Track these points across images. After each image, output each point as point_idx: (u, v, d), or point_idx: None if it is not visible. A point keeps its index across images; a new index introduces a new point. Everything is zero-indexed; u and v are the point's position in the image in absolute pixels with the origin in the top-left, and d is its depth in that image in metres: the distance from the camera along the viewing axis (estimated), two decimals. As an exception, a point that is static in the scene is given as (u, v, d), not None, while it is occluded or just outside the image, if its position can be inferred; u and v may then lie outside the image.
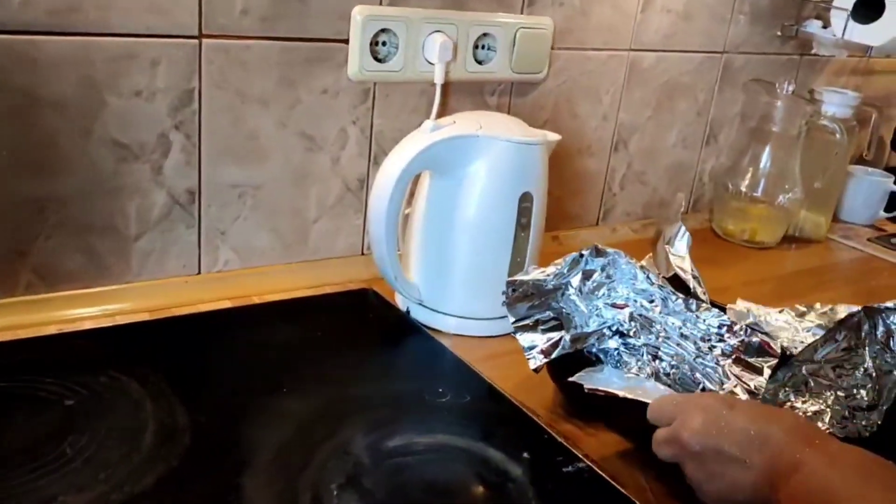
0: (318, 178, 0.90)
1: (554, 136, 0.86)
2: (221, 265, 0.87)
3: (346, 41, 0.86)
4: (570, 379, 0.68)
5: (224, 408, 0.67)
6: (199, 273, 0.86)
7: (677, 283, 0.76)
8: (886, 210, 1.36)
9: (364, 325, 0.85)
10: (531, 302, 0.69)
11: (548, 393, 0.74)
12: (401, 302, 0.88)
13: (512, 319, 0.69)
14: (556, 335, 0.69)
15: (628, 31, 1.09)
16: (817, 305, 0.84)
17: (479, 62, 0.96)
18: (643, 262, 0.83)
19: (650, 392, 0.66)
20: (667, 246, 0.78)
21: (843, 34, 1.11)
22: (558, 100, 1.06)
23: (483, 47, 0.95)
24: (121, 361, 0.70)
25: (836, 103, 1.23)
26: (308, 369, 0.74)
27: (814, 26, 1.23)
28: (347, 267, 0.94)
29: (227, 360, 0.75)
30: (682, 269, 0.77)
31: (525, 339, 0.69)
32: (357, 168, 0.92)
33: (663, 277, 0.77)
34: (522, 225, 0.83)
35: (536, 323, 0.69)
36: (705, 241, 1.22)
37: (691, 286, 0.76)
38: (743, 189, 1.21)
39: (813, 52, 1.26)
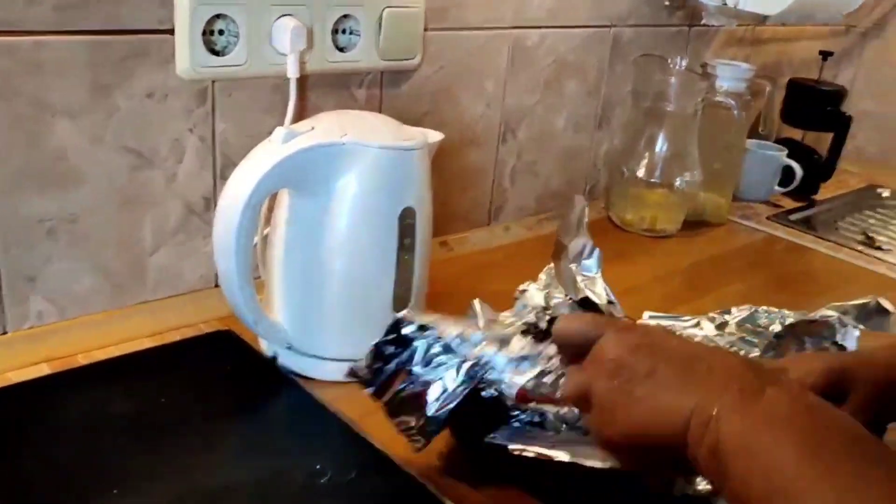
0: (152, 201, 0.73)
1: (436, 136, 0.73)
2: (33, 319, 0.70)
3: (171, 31, 0.70)
4: (487, 439, 0.56)
5: (29, 530, 0.51)
6: (5, 333, 0.68)
7: (590, 307, 0.65)
8: (781, 185, 1.31)
9: (220, 382, 0.69)
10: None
11: (452, 451, 0.61)
12: (266, 346, 0.73)
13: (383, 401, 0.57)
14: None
15: (509, 7, 0.96)
16: (734, 311, 0.76)
17: (341, 49, 0.81)
18: (543, 275, 0.71)
19: (588, 451, 0.54)
20: (573, 265, 0.66)
21: (738, 3, 1.02)
22: (436, 88, 0.93)
23: (344, 31, 0.81)
24: None
25: (729, 77, 1.15)
26: (148, 455, 0.58)
27: (702, -6, 1.14)
28: (198, 303, 0.78)
29: (41, 453, 0.58)
30: (593, 292, 0.65)
31: (400, 418, 0.57)
32: (200, 185, 0.76)
33: (572, 300, 0.65)
34: (406, 246, 0.69)
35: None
36: (604, 233, 1.12)
37: (606, 313, 0.65)
38: (639, 174, 1.12)
39: (702, 22, 1.18)
